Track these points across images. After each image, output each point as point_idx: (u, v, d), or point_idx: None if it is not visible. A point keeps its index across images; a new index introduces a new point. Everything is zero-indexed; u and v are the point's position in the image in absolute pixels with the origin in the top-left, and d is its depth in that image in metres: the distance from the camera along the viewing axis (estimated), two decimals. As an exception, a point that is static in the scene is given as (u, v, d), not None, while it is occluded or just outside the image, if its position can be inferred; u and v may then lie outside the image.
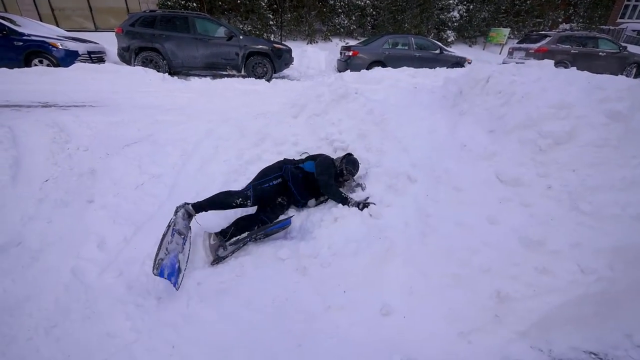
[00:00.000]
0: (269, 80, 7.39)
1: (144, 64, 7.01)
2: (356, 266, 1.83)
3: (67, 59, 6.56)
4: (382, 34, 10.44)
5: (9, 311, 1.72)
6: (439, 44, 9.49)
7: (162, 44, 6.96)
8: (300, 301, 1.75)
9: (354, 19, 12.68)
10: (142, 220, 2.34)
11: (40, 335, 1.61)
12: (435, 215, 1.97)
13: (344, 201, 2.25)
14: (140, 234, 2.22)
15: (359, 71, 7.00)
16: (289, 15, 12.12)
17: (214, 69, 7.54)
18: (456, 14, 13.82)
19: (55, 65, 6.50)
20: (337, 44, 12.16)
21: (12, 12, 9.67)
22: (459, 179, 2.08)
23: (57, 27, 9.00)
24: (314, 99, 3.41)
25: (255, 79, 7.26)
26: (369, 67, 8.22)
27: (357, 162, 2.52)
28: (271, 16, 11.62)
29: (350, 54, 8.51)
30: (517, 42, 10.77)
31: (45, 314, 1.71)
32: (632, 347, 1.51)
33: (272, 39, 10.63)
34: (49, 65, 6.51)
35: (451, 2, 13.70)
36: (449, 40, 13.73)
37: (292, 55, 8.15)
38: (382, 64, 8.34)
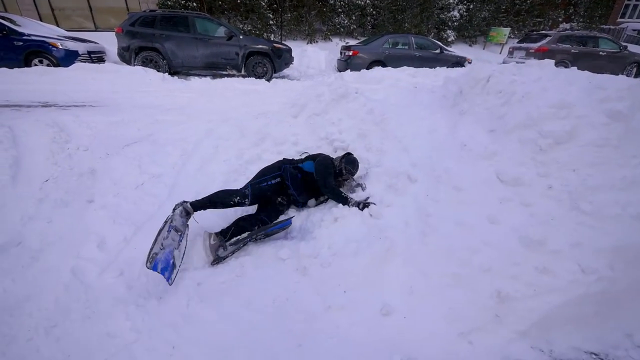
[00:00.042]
0: (269, 80, 7.39)
1: (144, 64, 7.01)
2: (356, 266, 1.83)
3: (67, 58, 6.56)
4: (382, 34, 10.45)
5: (9, 311, 1.72)
6: (439, 43, 9.48)
7: (162, 44, 6.96)
8: (300, 301, 1.75)
9: (354, 18, 12.67)
10: (142, 220, 2.34)
11: (40, 335, 1.61)
12: (435, 215, 1.97)
13: (344, 201, 2.24)
14: (140, 233, 2.22)
15: (359, 71, 6.99)
16: (289, 14, 12.12)
17: (214, 68, 7.53)
18: (456, 14, 13.81)
19: (55, 65, 6.51)
20: (337, 43, 12.15)
21: (12, 12, 9.68)
22: (459, 179, 2.08)
23: (57, 27, 9.01)
24: (314, 98, 3.40)
25: (255, 78, 7.25)
26: (369, 66, 8.21)
27: (357, 161, 2.51)
28: (271, 16, 11.62)
29: (350, 53, 8.51)
30: (517, 42, 10.76)
31: (45, 314, 1.71)
32: (633, 347, 1.51)
33: (272, 39, 10.63)
34: (49, 65, 6.51)
35: (451, 1, 13.69)
36: (449, 39, 13.72)
37: (292, 55, 8.14)
38: (382, 64, 8.34)
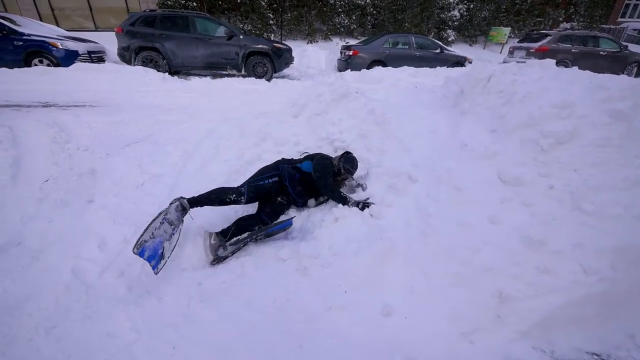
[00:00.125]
0: (269, 79, 7.38)
1: (144, 64, 7.01)
2: (357, 266, 1.83)
3: (67, 58, 6.56)
4: (382, 33, 10.45)
5: (9, 311, 1.72)
6: (440, 43, 9.48)
7: (162, 44, 6.96)
8: (301, 301, 1.75)
9: (354, 18, 12.66)
10: (142, 220, 2.31)
11: (40, 335, 1.61)
12: (436, 214, 1.97)
13: (343, 201, 2.24)
14: (140, 234, 2.21)
15: (360, 70, 6.99)
16: (289, 14, 12.11)
17: (214, 68, 7.53)
18: (456, 13, 13.80)
19: (55, 65, 6.50)
20: (337, 43, 12.15)
21: (12, 11, 9.69)
22: (460, 179, 2.07)
23: (57, 26, 9.01)
24: (315, 98, 3.40)
25: (255, 78, 7.24)
26: (370, 66, 8.20)
27: (356, 160, 2.49)
28: (271, 15, 11.61)
29: (350, 53, 8.51)
30: (517, 42, 10.76)
31: (45, 314, 1.70)
32: (635, 348, 1.51)
33: (273, 39, 10.61)
34: (49, 65, 6.51)
35: (451, 1, 13.68)
36: (450, 39, 13.71)
37: (293, 54, 8.14)
38: (383, 64, 8.33)
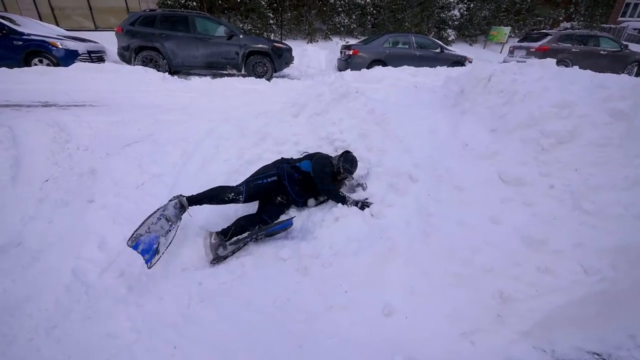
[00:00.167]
0: (269, 79, 7.38)
1: (144, 63, 7.00)
2: (358, 266, 1.82)
3: (67, 58, 6.55)
4: (382, 33, 10.45)
5: (9, 311, 1.72)
6: (440, 42, 9.47)
7: (162, 43, 6.95)
8: (301, 301, 1.75)
9: (354, 17, 12.65)
10: (142, 220, 2.33)
11: (40, 335, 1.61)
12: (437, 214, 1.96)
13: (342, 200, 2.24)
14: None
15: (360, 70, 6.99)
16: (289, 14, 12.10)
17: (214, 68, 7.52)
18: (457, 13, 13.79)
19: (55, 64, 6.49)
20: (337, 43, 12.14)
21: (12, 11, 9.68)
22: (460, 179, 2.07)
23: (57, 26, 9.00)
24: (315, 98, 3.40)
25: (255, 78, 7.24)
26: (370, 66, 8.20)
27: (355, 159, 2.47)
28: (271, 15, 11.60)
29: (350, 53, 8.50)
30: (517, 41, 10.74)
31: (45, 315, 1.70)
32: (635, 348, 1.50)
33: (272, 38, 10.61)
34: (48, 64, 6.50)
35: (451, 0, 13.66)
36: (450, 39, 13.71)
37: (293, 54, 8.13)
38: (383, 63, 8.33)
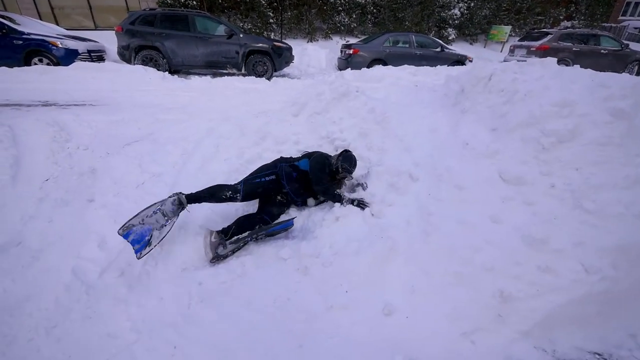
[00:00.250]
0: (269, 78, 7.37)
1: (144, 63, 7.00)
2: (358, 265, 1.82)
3: (67, 57, 6.55)
4: (382, 32, 10.42)
5: (9, 311, 1.72)
6: (440, 41, 9.46)
7: (162, 43, 6.94)
8: (301, 301, 1.74)
9: (354, 16, 12.63)
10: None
11: (40, 335, 1.61)
12: (437, 213, 1.96)
13: (338, 199, 2.23)
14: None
15: (360, 69, 6.97)
16: (289, 13, 12.08)
17: (214, 67, 7.51)
18: (457, 12, 13.76)
19: (55, 64, 6.49)
20: (337, 42, 12.12)
21: (12, 10, 9.68)
22: (461, 178, 2.07)
23: (57, 25, 8.99)
24: (315, 97, 3.39)
25: (255, 77, 7.23)
26: (370, 65, 8.18)
27: (354, 158, 2.41)
28: (271, 14, 11.58)
29: (351, 52, 8.48)
30: (518, 40, 10.72)
31: (45, 314, 1.70)
32: (636, 347, 1.50)
33: (273, 37, 10.60)
34: (48, 64, 6.49)
35: (452, -1, 13.65)
36: (450, 38, 13.68)
37: (293, 53, 8.12)
38: (383, 62, 8.32)
